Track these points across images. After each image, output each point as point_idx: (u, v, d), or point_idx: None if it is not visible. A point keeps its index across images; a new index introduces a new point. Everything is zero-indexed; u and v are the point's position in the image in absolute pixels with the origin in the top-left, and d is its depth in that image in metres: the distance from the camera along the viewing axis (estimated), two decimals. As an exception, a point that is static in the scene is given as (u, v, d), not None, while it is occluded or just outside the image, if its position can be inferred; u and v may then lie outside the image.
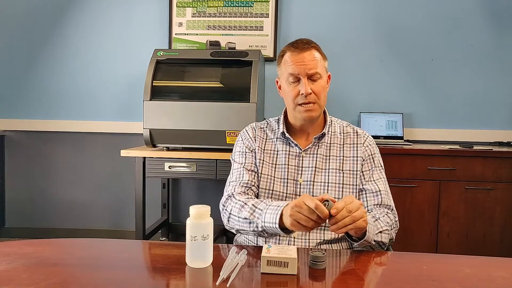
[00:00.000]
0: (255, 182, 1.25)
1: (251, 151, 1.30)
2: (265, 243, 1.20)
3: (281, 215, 1.03)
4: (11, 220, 3.17)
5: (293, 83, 1.23)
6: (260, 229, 1.08)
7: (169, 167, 2.36)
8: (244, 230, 1.14)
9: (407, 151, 2.47)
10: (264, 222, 1.06)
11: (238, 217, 1.14)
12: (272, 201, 1.14)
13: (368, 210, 1.22)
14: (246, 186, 1.23)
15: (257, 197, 1.26)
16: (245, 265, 0.88)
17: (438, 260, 0.97)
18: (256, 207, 1.11)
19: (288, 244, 1.19)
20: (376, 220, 1.11)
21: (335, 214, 0.93)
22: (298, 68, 1.21)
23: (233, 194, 1.21)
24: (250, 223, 1.11)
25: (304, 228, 0.96)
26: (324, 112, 1.33)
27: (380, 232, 1.09)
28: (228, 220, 1.18)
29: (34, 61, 3.08)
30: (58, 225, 3.13)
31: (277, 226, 1.03)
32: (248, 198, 1.19)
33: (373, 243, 1.06)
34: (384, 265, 0.97)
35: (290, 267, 0.84)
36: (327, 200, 0.95)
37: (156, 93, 2.40)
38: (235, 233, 1.22)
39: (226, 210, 1.19)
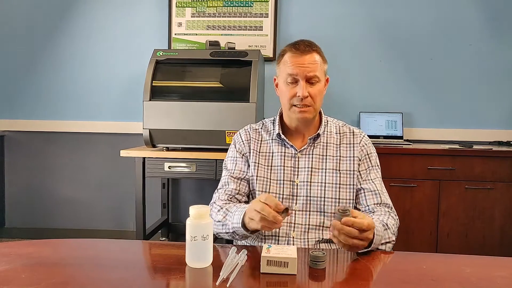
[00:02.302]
0: (240, 190, 1.26)
1: (242, 156, 1.30)
2: (265, 243, 1.20)
3: (245, 215, 1.05)
4: (11, 220, 3.17)
5: (291, 84, 1.22)
6: (231, 230, 1.10)
7: (169, 167, 2.36)
8: (220, 233, 1.17)
9: (406, 151, 2.47)
10: (233, 223, 1.09)
11: (214, 220, 1.17)
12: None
13: (369, 210, 1.22)
14: (230, 195, 1.24)
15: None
16: (245, 265, 0.88)
17: (438, 259, 0.98)
18: (229, 211, 1.14)
19: (287, 244, 1.19)
20: (386, 229, 1.10)
21: (344, 222, 0.91)
22: (297, 69, 1.20)
23: (215, 202, 1.23)
24: (223, 225, 1.14)
25: (258, 225, 0.97)
26: (320, 113, 1.33)
27: (387, 242, 1.09)
28: None
29: (34, 61, 3.08)
30: (58, 225, 3.13)
31: (239, 225, 1.05)
32: (226, 203, 1.21)
33: (374, 250, 1.06)
34: (384, 265, 0.97)
35: (290, 267, 0.84)
36: (346, 210, 0.93)
37: (156, 93, 2.40)
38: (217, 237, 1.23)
39: (210, 216, 1.21)
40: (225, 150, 2.34)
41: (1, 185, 3.14)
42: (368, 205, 1.22)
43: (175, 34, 2.99)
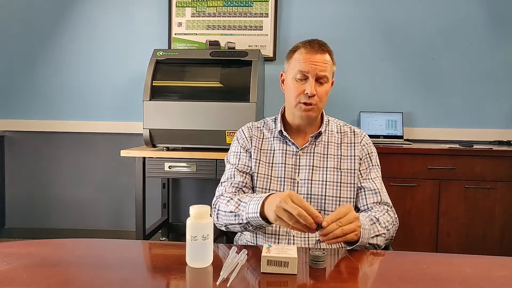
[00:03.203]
0: (246, 183, 1.25)
1: (246, 151, 1.30)
2: (265, 243, 1.20)
3: (263, 205, 1.03)
4: (12, 220, 3.17)
5: (300, 80, 1.22)
6: (245, 221, 1.08)
7: (169, 167, 2.36)
8: (231, 224, 1.14)
9: (407, 151, 2.47)
10: (248, 213, 1.07)
11: (225, 211, 1.15)
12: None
13: (368, 208, 1.22)
14: (237, 187, 1.23)
15: None
16: (245, 265, 0.88)
17: (438, 259, 0.97)
18: (241, 201, 1.12)
19: (288, 243, 1.19)
20: (375, 223, 1.11)
21: (326, 226, 0.94)
22: (309, 67, 1.20)
23: (222, 194, 1.21)
24: (235, 216, 1.12)
25: (287, 225, 0.95)
26: (321, 112, 1.33)
27: (377, 235, 1.09)
28: (217, 217, 1.18)
29: (34, 61, 3.08)
30: (58, 225, 3.13)
31: (258, 215, 1.04)
32: (234, 194, 1.19)
33: (367, 245, 1.07)
34: (384, 265, 0.97)
35: (290, 267, 0.84)
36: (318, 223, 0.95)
37: (156, 93, 2.40)
38: (224, 230, 1.22)
39: (215, 208, 1.20)
40: (226, 150, 2.35)
41: (1, 185, 3.14)
42: (367, 204, 1.23)
43: (175, 34, 2.99)
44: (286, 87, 1.29)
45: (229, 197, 1.17)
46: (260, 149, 1.30)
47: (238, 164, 1.28)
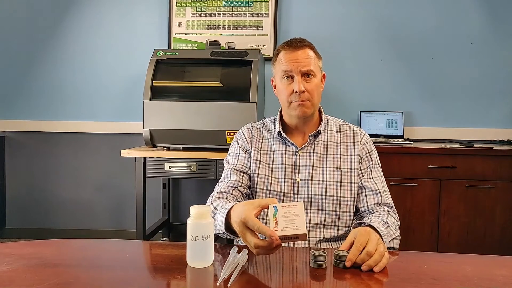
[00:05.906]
0: (242, 182, 1.24)
1: (245, 152, 1.30)
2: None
3: (230, 216, 0.97)
4: (12, 220, 3.17)
5: (287, 80, 1.23)
6: (221, 231, 1.02)
7: (170, 167, 2.36)
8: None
9: (407, 150, 2.47)
10: (219, 225, 1.01)
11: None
12: (230, 202, 1.10)
13: (368, 210, 1.22)
14: (232, 187, 1.22)
15: (253, 198, 1.26)
16: (246, 265, 0.88)
17: (438, 258, 0.97)
18: (216, 209, 1.07)
19: (288, 244, 1.18)
20: (389, 226, 1.08)
21: (350, 266, 0.87)
22: (291, 65, 1.21)
23: (213, 195, 1.20)
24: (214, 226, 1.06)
25: (252, 233, 0.88)
26: (320, 111, 1.33)
27: (393, 239, 1.09)
28: None
29: (34, 61, 3.08)
30: (58, 225, 3.13)
31: (224, 230, 0.99)
32: (218, 197, 1.17)
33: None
34: (385, 264, 0.97)
35: (300, 238, 0.85)
36: (339, 252, 0.90)
37: (156, 93, 2.40)
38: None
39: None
40: (226, 150, 2.34)
41: (2, 185, 3.14)
42: (367, 205, 1.22)
43: (175, 34, 2.99)
44: (277, 91, 1.30)
45: (211, 201, 1.15)
46: (260, 150, 1.30)
47: (236, 164, 1.28)
